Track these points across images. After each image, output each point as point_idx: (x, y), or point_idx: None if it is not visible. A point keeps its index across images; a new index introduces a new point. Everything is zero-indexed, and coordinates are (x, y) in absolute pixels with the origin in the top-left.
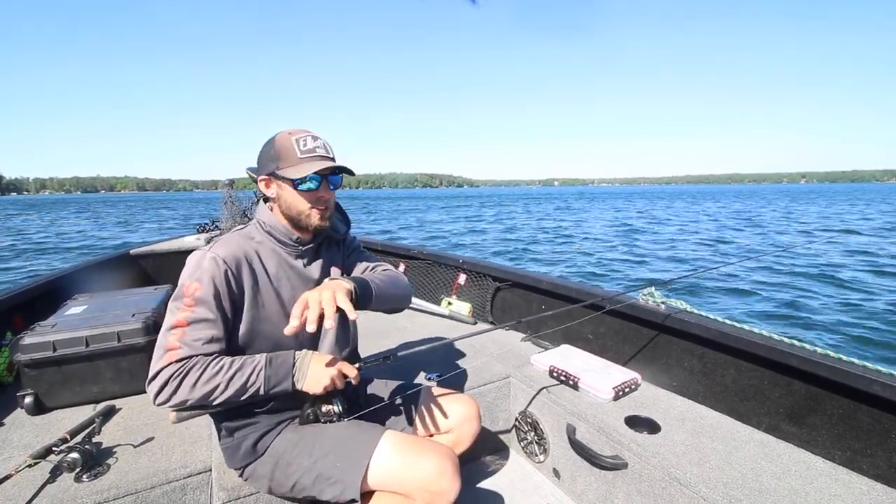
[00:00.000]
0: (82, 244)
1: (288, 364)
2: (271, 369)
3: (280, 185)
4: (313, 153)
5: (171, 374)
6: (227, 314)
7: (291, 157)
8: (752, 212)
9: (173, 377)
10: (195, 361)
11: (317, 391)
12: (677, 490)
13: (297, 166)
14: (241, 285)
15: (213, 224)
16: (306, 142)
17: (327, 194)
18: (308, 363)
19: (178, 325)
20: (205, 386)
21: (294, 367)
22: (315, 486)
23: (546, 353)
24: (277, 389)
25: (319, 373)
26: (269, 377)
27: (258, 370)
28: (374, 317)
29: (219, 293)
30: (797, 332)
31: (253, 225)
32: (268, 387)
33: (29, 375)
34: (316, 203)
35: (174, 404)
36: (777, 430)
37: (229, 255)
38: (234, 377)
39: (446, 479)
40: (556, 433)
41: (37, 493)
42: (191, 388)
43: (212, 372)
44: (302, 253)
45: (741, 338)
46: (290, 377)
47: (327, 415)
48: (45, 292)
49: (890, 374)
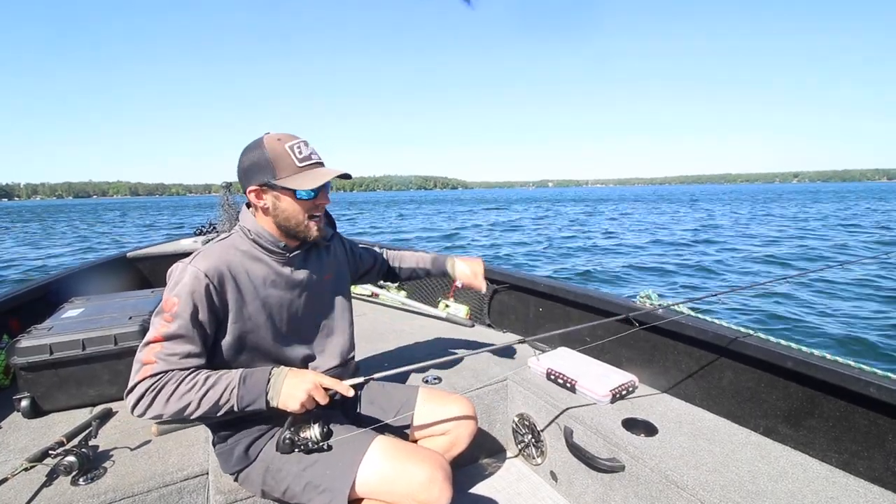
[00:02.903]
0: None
1: (262, 383)
2: (244, 388)
3: (277, 196)
4: (310, 160)
5: (146, 388)
6: (206, 329)
7: (289, 166)
8: (847, 214)
9: (148, 391)
10: (170, 377)
11: (294, 408)
12: (674, 493)
13: (297, 175)
14: (225, 298)
15: (210, 227)
16: (301, 149)
17: (326, 201)
18: (282, 380)
19: (156, 340)
20: (178, 402)
21: (268, 383)
22: (304, 493)
23: (543, 356)
24: (251, 409)
25: (294, 388)
26: (242, 396)
27: (231, 389)
28: (372, 320)
29: (197, 309)
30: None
31: (237, 233)
32: (241, 406)
33: (25, 378)
34: (314, 210)
35: (151, 417)
36: (774, 432)
37: (211, 268)
38: (207, 395)
39: (436, 487)
40: (554, 436)
41: (33, 496)
42: (164, 403)
43: (185, 388)
44: (289, 260)
45: (738, 340)
46: (262, 396)
47: (304, 440)
48: (41, 295)
49: (886, 376)
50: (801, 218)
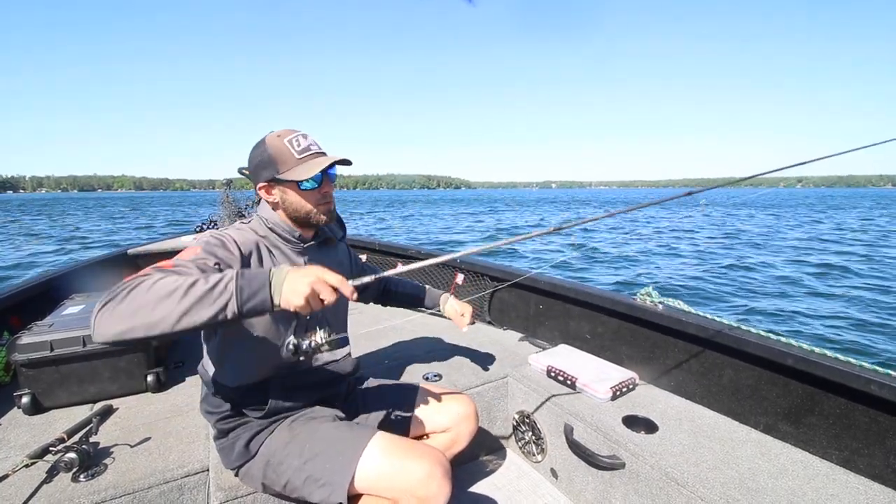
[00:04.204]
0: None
1: (263, 275)
2: (244, 280)
3: (283, 190)
4: (309, 151)
5: (127, 283)
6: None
7: (289, 160)
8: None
9: (127, 285)
10: (160, 273)
11: (297, 304)
12: (675, 490)
13: (297, 167)
14: (244, 265)
15: (211, 223)
16: (299, 141)
17: (329, 188)
18: (284, 275)
19: (163, 266)
20: (160, 289)
21: (270, 276)
22: (305, 487)
23: (544, 353)
24: (252, 303)
25: (297, 283)
26: (242, 288)
27: (227, 281)
28: (372, 317)
29: (217, 259)
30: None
31: (256, 220)
32: (241, 300)
33: (26, 375)
34: (321, 198)
35: (119, 318)
36: (774, 429)
37: (240, 238)
38: (196, 284)
39: (435, 483)
40: (554, 433)
41: (34, 492)
42: (146, 291)
43: (172, 279)
44: (304, 250)
45: (739, 337)
46: (265, 288)
47: (311, 345)
48: (41, 292)
49: (887, 373)
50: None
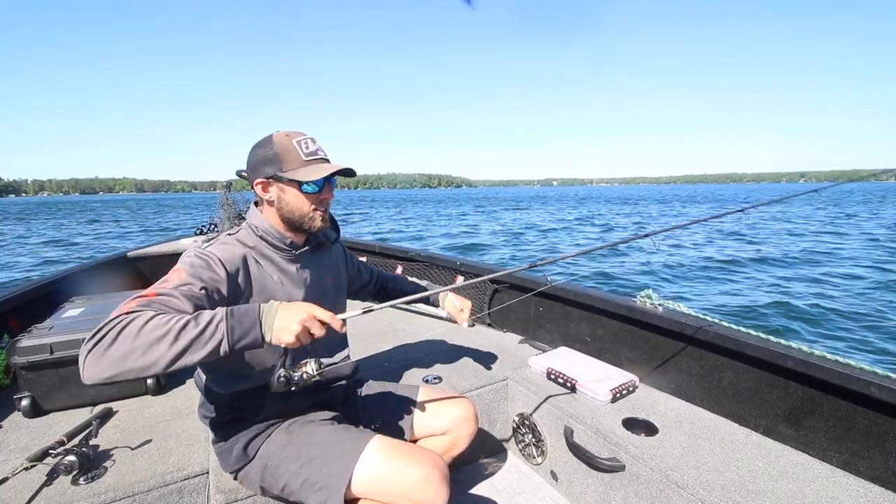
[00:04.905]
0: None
1: (253, 313)
2: (234, 320)
3: (282, 188)
4: (316, 156)
5: (114, 322)
6: (205, 306)
7: (295, 160)
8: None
9: (114, 323)
10: (147, 311)
11: (288, 341)
12: (675, 492)
13: (303, 169)
14: (230, 286)
15: (212, 226)
16: (308, 144)
17: (330, 196)
18: (274, 312)
19: (146, 295)
20: (151, 333)
21: (260, 314)
22: (302, 490)
23: (544, 355)
24: (243, 342)
25: (287, 320)
26: (233, 328)
27: (217, 322)
28: (371, 319)
29: (202, 285)
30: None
31: (244, 229)
32: (232, 341)
33: (26, 378)
34: (318, 204)
35: (109, 363)
36: (774, 432)
37: (224, 254)
38: (187, 327)
39: (432, 487)
40: (554, 435)
41: (34, 495)
42: (135, 334)
43: (162, 319)
44: (295, 257)
45: (739, 340)
46: (256, 327)
47: (302, 377)
48: (41, 295)
49: (887, 376)
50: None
